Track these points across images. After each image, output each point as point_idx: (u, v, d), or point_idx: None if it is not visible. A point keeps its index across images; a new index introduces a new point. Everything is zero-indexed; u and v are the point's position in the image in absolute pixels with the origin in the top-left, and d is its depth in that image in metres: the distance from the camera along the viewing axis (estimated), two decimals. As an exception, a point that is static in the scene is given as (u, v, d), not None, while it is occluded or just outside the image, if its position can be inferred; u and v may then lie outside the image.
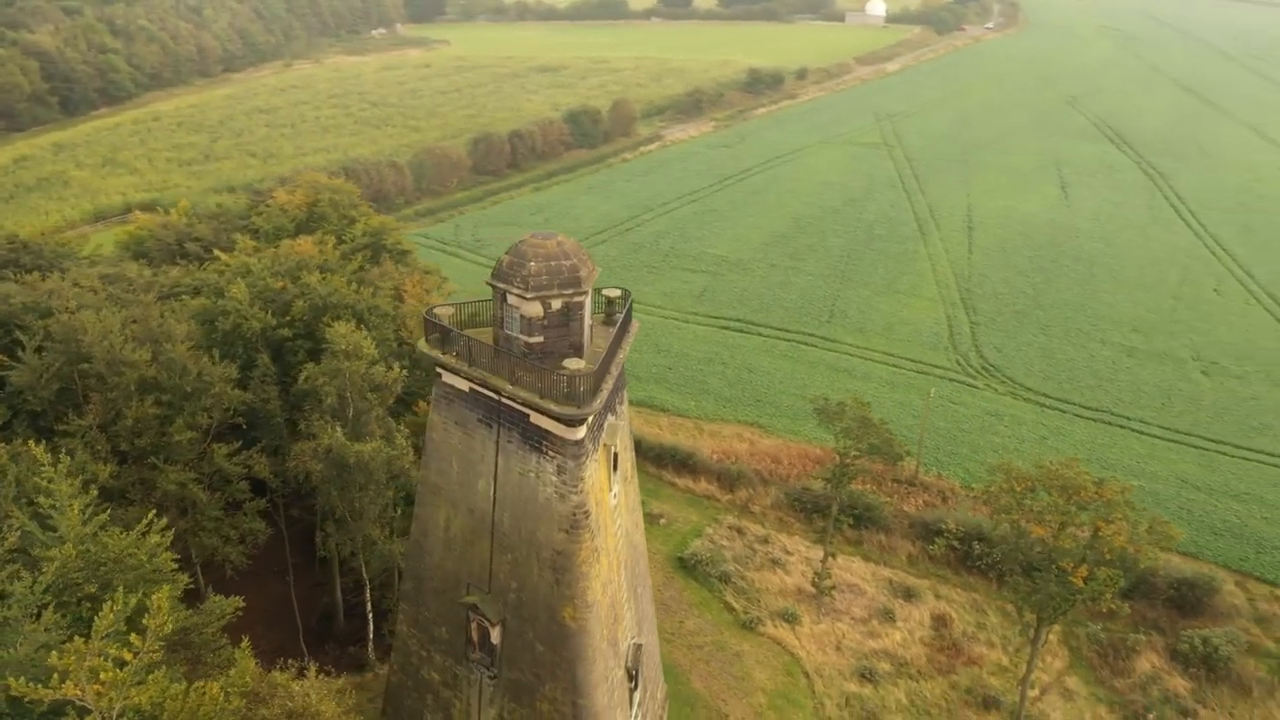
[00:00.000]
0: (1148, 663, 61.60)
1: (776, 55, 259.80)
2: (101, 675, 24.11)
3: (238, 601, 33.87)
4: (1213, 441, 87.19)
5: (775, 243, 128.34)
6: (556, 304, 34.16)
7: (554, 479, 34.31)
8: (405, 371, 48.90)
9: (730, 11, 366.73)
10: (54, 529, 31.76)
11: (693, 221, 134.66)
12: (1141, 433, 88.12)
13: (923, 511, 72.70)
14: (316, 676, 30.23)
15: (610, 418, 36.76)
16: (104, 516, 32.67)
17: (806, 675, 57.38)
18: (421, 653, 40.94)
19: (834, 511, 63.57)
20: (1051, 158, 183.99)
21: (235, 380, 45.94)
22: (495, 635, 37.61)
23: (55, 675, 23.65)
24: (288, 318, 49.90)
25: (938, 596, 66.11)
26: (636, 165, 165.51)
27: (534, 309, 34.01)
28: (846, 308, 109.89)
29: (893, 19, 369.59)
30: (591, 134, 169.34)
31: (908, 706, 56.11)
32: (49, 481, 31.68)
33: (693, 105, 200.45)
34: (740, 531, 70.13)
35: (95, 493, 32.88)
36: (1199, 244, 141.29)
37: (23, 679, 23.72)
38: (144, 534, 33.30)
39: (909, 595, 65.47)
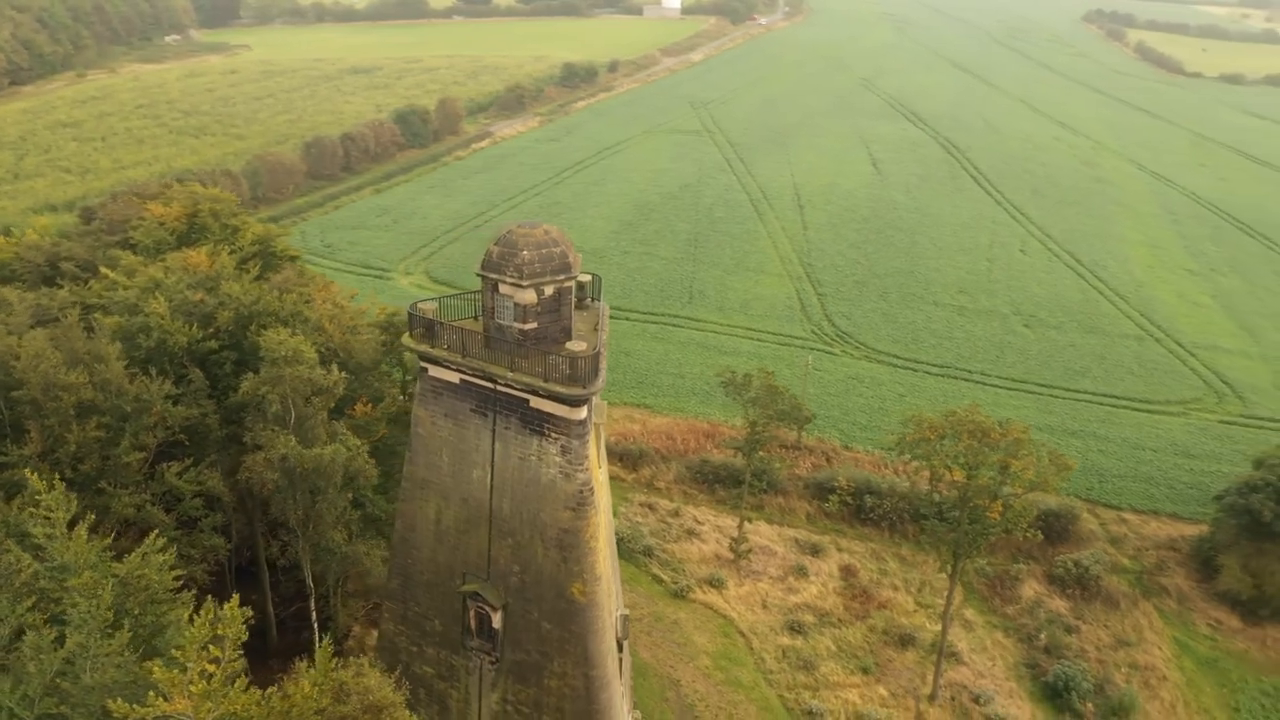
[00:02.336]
0: (1030, 589, 68.29)
1: (584, 49, 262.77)
2: (192, 688, 23.81)
3: (247, 612, 33.29)
4: (1044, 387, 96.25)
5: (624, 230, 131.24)
6: (549, 290, 35.31)
7: (558, 460, 35.44)
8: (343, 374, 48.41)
9: (530, 7, 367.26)
10: (51, 559, 30.44)
11: (541, 214, 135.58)
12: (983, 384, 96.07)
13: (814, 473, 77.18)
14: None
15: (595, 398, 38.14)
16: (106, 540, 31.47)
17: (742, 634, 60.49)
18: (411, 649, 41.09)
19: (747, 478, 66.81)
20: (859, 137, 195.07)
21: (173, 397, 44.32)
22: (497, 620, 38.35)
23: (151, 692, 23.19)
24: (212, 329, 48.32)
25: (840, 549, 70.66)
26: (472, 162, 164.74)
27: (528, 296, 35.01)
28: (704, 288, 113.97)
29: (688, 10, 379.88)
30: (421, 133, 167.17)
31: (836, 653, 60.15)
32: (47, 511, 30.31)
33: (515, 101, 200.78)
34: (651, 507, 72.53)
35: (92, 517, 31.54)
36: (1000, 210, 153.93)
37: (119, 699, 23.15)
38: (144, 556, 32.26)
39: (815, 551, 69.66)
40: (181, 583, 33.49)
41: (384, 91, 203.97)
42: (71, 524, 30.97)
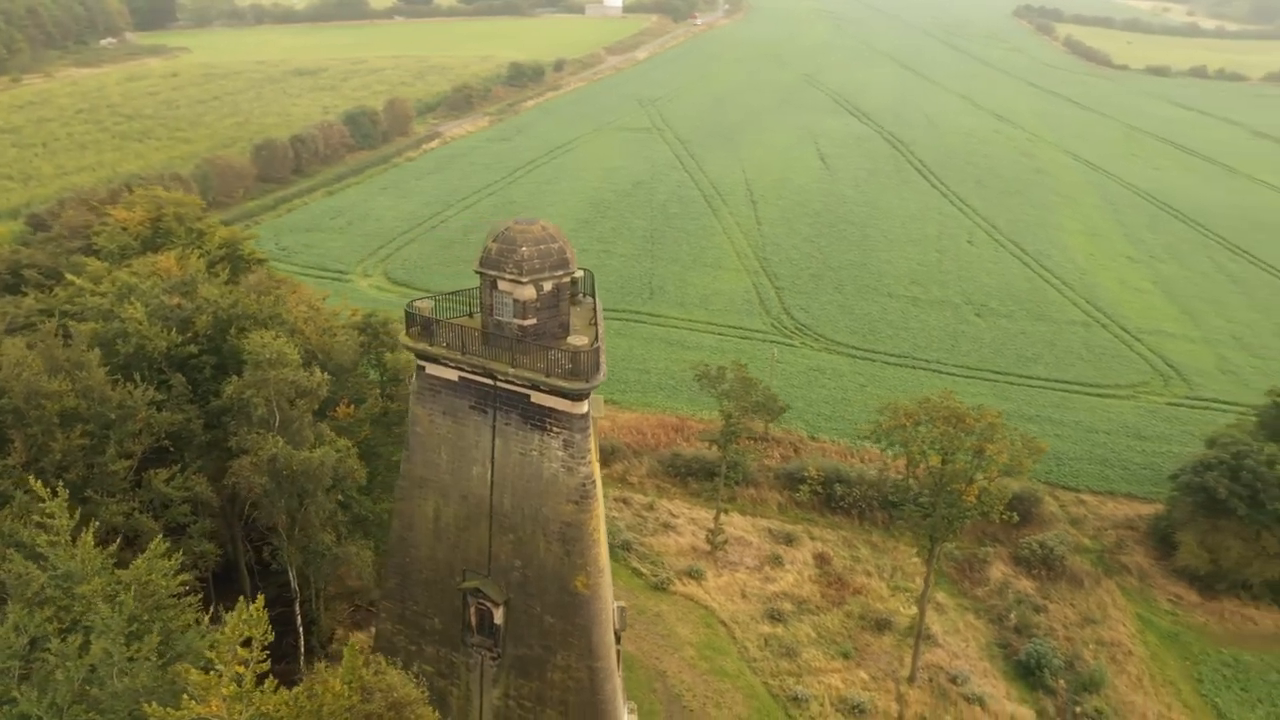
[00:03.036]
0: (998, 571, 69.96)
1: (529, 49, 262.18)
2: (224, 690, 23.80)
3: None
4: (999, 374, 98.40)
5: (580, 228, 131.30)
6: (548, 286, 35.63)
7: (560, 454, 35.75)
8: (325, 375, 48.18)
9: (472, 7, 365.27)
10: (54, 567, 30.07)
11: (496, 214, 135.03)
12: (940, 372, 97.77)
13: (783, 463, 78.22)
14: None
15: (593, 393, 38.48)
16: (112, 547, 31.12)
17: (724, 624, 61.23)
18: (410, 648, 41.06)
19: (723, 470, 67.53)
20: (806, 132, 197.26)
21: (156, 403, 43.78)
22: (499, 616, 38.54)
23: (184, 695, 23.13)
24: (190, 334, 47.75)
25: (812, 538, 71.75)
26: (424, 163, 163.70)
27: (527, 292, 35.28)
28: (663, 284, 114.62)
29: (629, 9, 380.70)
30: (371, 134, 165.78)
31: (817, 639, 61.13)
32: (46, 517, 29.92)
33: (463, 101, 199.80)
34: (626, 502, 73.01)
35: (97, 524, 31.14)
36: (945, 202, 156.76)
37: (153, 703, 23.03)
38: (150, 561, 31.96)
39: (789, 540, 70.66)
40: (186, 588, 33.21)
41: (330, 93, 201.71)
42: (74, 532, 30.65)
